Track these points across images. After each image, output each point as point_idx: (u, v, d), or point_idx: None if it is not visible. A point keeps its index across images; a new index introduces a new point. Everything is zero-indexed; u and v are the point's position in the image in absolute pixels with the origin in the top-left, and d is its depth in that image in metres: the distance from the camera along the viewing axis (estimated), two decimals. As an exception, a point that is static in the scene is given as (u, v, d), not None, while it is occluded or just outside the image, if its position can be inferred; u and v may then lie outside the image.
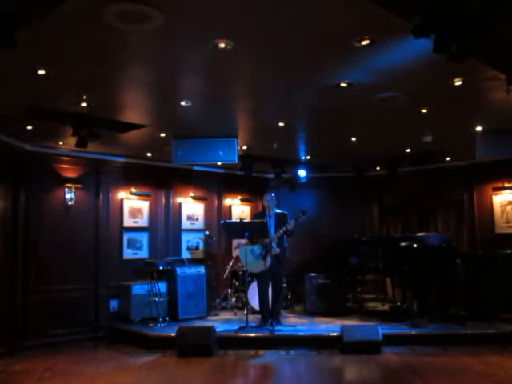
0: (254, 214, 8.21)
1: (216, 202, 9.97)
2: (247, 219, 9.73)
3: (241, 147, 7.62)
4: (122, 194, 8.61)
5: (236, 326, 7.02)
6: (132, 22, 3.53)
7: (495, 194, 8.91)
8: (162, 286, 8.09)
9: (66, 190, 7.88)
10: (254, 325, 7.11)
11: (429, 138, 7.08)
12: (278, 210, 7.51)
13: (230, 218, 10.02)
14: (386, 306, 9.07)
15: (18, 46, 3.33)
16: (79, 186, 8.00)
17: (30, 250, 7.41)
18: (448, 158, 9.04)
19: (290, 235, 7.33)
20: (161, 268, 8.07)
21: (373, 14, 3.42)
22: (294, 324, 7.48)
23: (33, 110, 5.59)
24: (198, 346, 6.41)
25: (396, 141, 7.64)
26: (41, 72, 4.43)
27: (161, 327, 7.46)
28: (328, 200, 10.34)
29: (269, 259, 7.09)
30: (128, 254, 8.55)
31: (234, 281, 8.91)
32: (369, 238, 9.28)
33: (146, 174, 8.89)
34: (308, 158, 9.00)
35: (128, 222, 8.63)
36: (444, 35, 3.17)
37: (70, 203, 7.88)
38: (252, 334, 6.80)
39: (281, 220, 7.30)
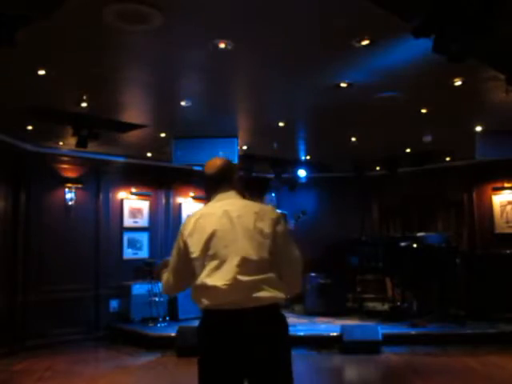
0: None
1: (216, 202, 9.95)
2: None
3: (241, 147, 7.61)
4: (122, 194, 8.61)
5: (236, 326, 7.01)
6: (132, 21, 3.53)
7: (495, 194, 8.90)
8: (162, 286, 8.08)
9: (67, 189, 7.87)
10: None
11: (429, 138, 7.08)
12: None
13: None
14: (386, 306, 9.05)
15: (18, 45, 3.33)
16: (79, 185, 8.00)
17: (31, 250, 7.40)
18: (448, 158, 9.03)
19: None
20: (161, 268, 8.05)
21: (373, 14, 3.42)
22: (294, 324, 7.44)
23: (33, 109, 5.59)
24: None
25: (396, 141, 7.64)
26: (41, 72, 4.43)
27: (161, 327, 7.46)
28: (328, 200, 10.31)
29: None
30: (128, 253, 8.54)
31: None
32: (369, 237, 9.27)
33: (146, 174, 8.88)
34: (308, 157, 8.99)
35: (128, 221, 8.62)
36: (444, 35, 3.17)
37: (70, 203, 7.88)
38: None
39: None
